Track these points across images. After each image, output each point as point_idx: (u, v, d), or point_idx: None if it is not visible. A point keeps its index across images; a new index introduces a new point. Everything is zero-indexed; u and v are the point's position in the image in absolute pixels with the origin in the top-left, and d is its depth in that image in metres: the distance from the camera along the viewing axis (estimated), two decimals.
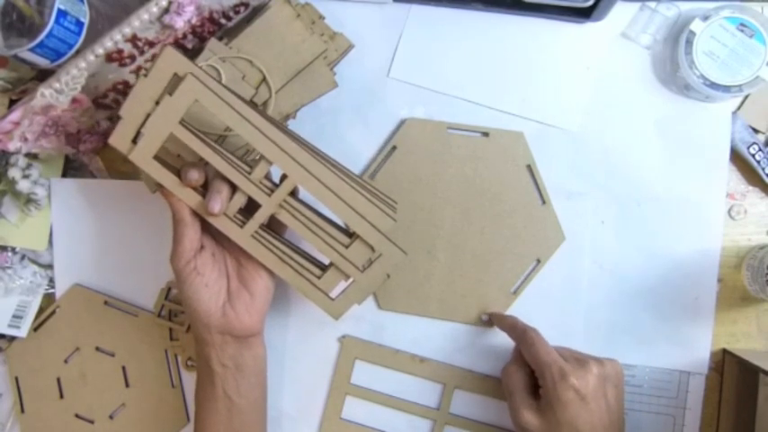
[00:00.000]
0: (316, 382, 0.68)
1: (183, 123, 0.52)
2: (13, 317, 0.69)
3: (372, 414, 0.68)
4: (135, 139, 0.52)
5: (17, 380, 0.70)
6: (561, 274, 0.66)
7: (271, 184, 0.55)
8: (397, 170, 0.67)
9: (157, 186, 0.54)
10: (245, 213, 0.55)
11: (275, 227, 0.59)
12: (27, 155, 0.67)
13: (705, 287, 0.65)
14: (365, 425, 0.68)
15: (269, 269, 0.57)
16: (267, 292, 0.59)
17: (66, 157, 0.70)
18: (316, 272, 0.57)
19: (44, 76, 0.62)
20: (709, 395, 0.65)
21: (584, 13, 0.64)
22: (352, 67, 0.67)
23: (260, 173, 0.53)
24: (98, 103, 0.64)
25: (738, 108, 0.65)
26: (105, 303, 0.70)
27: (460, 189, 0.67)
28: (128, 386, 0.70)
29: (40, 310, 0.71)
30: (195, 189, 0.54)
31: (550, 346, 0.58)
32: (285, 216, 0.55)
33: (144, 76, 0.50)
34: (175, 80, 0.50)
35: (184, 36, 0.63)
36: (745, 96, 0.64)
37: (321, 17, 0.65)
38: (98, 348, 0.70)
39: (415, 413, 0.67)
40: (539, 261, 0.66)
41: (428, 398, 0.67)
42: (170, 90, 0.50)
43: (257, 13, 0.64)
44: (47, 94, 0.57)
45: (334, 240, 0.56)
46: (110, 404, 0.70)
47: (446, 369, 0.67)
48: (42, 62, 0.59)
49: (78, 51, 0.60)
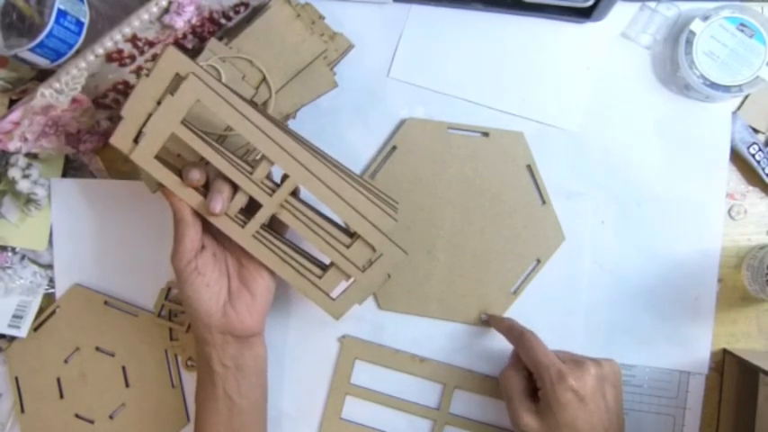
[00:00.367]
0: (316, 382, 0.68)
1: (185, 123, 0.52)
2: (13, 317, 0.69)
3: (372, 414, 0.68)
4: (136, 139, 0.52)
5: (17, 380, 0.70)
6: (561, 274, 0.66)
7: (272, 183, 0.55)
8: (397, 170, 0.67)
9: (158, 186, 0.54)
10: (246, 213, 0.55)
11: (276, 227, 0.59)
12: (27, 155, 0.67)
13: (705, 287, 0.65)
14: (365, 425, 0.68)
15: (270, 269, 0.57)
16: (268, 292, 0.59)
17: (67, 157, 0.70)
18: (316, 272, 0.57)
19: (44, 76, 0.62)
20: (709, 395, 0.65)
21: (584, 13, 0.64)
22: (352, 67, 0.67)
23: (261, 173, 0.53)
24: (98, 103, 0.64)
25: (738, 108, 0.65)
26: (105, 303, 0.70)
27: (460, 189, 0.67)
28: (128, 386, 0.70)
29: (40, 310, 0.71)
30: (196, 189, 0.54)
31: (548, 349, 0.58)
32: (286, 216, 0.55)
33: (145, 75, 0.50)
34: (177, 80, 0.50)
35: (184, 36, 0.63)
36: (745, 96, 0.64)
37: (321, 17, 0.65)
38: (98, 348, 0.70)
39: (415, 413, 0.67)
40: (539, 261, 0.66)
41: (428, 398, 0.67)
42: (172, 90, 0.50)
43: (257, 13, 0.64)
44: (47, 94, 0.57)
45: (335, 240, 0.56)
46: (110, 404, 0.70)
47: (446, 369, 0.67)
48: (42, 62, 0.59)
49: (78, 51, 0.60)
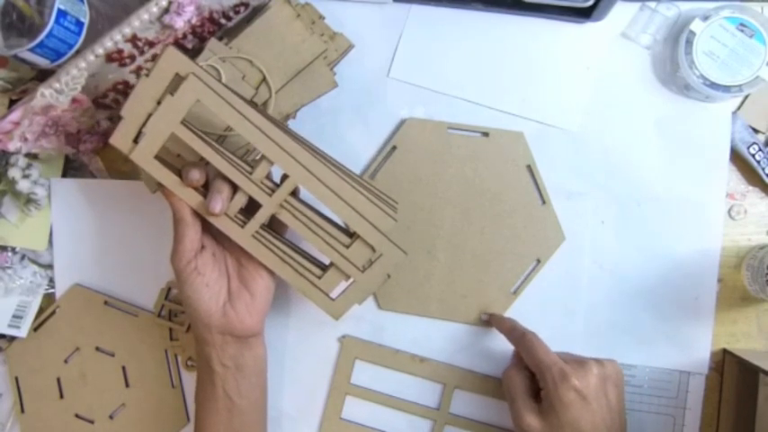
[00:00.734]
0: (316, 382, 0.68)
1: (185, 123, 0.52)
2: (13, 317, 0.69)
3: (372, 414, 0.68)
4: (136, 139, 0.52)
5: (17, 380, 0.70)
6: (561, 274, 0.66)
7: (272, 184, 0.55)
8: (397, 170, 0.67)
9: (158, 186, 0.54)
10: (245, 213, 0.55)
11: (276, 227, 0.59)
12: (27, 155, 0.67)
13: (705, 287, 0.65)
14: (365, 425, 0.68)
15: (269, 269, 0.57)
16: (268, 293, 0.59)
17: (67, 157, 0.70)
18: (316, 272, 0.57)
19: (44, 76, 0.62)
20: (709, 395, 0.65)
21: (584, 13, 0.64)
22: (352, 67, 0.67)
23: (261, 173, 0.53)
24: (98, 103, 0.64)
25: (738, 108, 0.65)
26: (105, 303, 0.70)
27: (460, 189, 0.67)
28: (128, 386, 0.70)
29: (40, 310, 0.71)
30: (196, 189, 0.54)
31: (549, 349, 0.58)
32: (286, 216, 0.55)
33: (145, 75, 0.50)
34: (177, 80, 0.50)
35: (184, 36, 0.63)
36: (745, 96, 0.64)
37: (321, 17, 0.65)
38: (98, 348, 0.70)
39: (415, 413, 0.67)
40: (539, 261, 0.66)
41: (428, 398, 0.67)
42: (172, 90, 0.50)
43: (257, 13, 0.64)
44: (47, 94, 0.57)
45: (335, 240, 0.56)
46: (110, 404, 0.70)
47: (446, 369, 0.67)
48: (42, 62, 0.59)
49: (78, 51, 0.60)
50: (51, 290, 0.71)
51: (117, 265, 0.70)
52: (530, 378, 0.59)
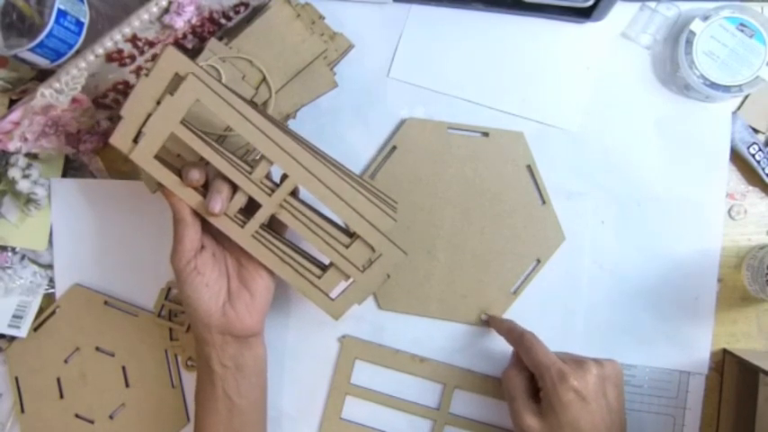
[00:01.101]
0: (316, 382, 0.68)
1: (185, 123, 0.52)
2: (13, 317, 0.69)
3: (372, 414, 0.68)
4: (136, 139, 0.52)
5: (17, 380, 0.70)
6: (561, 274, 0.66)
7: (271, 183, 0.55)
8: (397, 170, 0.67)
9: (158, 186, 0.54)
10: (245, 213, 0.55)
11: (276, 227, 0.59)
12: (27, 155, 0.67)
13: (705, 287, 0.65)
14: (365, 425, 0.68)
15: (269, 269, 0.57)
16: (267, 292, 0.58)
17: (67, 157, 0.70)
18: (316, 272, 0.57)
19: (44, 76, 0.62)
20: (709, 395, 0.65)
21: (584, 13, 0.64)
22: (352, 67, 0.67)
23: (261, 173, 0.53)
24: (98, 103, 0.64)
25: (738, 108, 0.65)
26: (105, 303, 0.70)
27: (460, 189, 0.67)
28: (128, 386, 0.70)
29: (40, 310, 0.71)
30: (196, 189, 0.54)
31: (548, 349, 0.58)
32: (285, 216, 0.55)
33: (145, 75, 0.50)
34: (177, 80, 0.50)
35: (184, 36, 0.63)
36: (745, 96, 0.64)
37: (321, 17, 0.65)
38: (98, 348, 0.70)
39: (415, 413, 0.67)
40: (539, 261, 0.66)
41: (428, 398, 0.67)
42: (171, 90, 0.50)
43: (257, 13, 0.64)
44: (47, 94, 0.57)
45: (335, 240, 0.56)
46: (110, 404, 0.70)
47: (446, 369, 0.67)
48: (42, 62, 0.59)
49: (78, 51, 0.60)
50: (51, 290, 0.71)
51: (117, 265, 0.70)
52: (529, 378, 0.59)
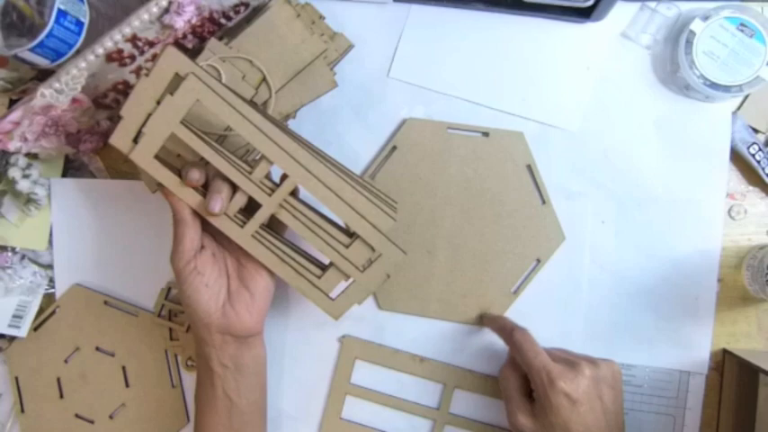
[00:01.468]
0: (315, 382, 0.68)
1: (184, 123, 0.52)
2: (13, 317, 0.69)
3: (372, 414, 0.68)
4: (136, 139, 0.52)
5: (17, 380, 0.70)
6: (561, 274, 0.66)
7: (271, 183, 0.55)
8: (397, 170, 0.67)
9: (158, 186, 0.54)
10: (245, 213, 0.55)
11: (275, 227, 0.59)
12: (27, 155, 0.67)
13: (705, 287, 0.65)
14: (365, 425, 0.68)
15: (269, 269, 0.57)
16: (267, 292, 0.58)
17: (66, 157, 0.70)
18: (316, 272, 0.57)
19: (44, 76, 0.62)
20: (709, 395, 0.65)
21: (584, 13, 0.64)
22: (352, 67, 0.67)
23: (260, 172, 0.53)
24: (98, 103, 0.64)
25: (738, 108, 0.65)
26: (105, 303, 0.70)
27: (460, 189, 0.67)
28: (128, 386, 0.70)
29: (40, 310, 0.71)
30: (196, 189, 0.54)
31: (539, 348, 0.57)
32: (285, 216, 0.55)
33: (145, 75, 0.50)
34: (177, 80, 0.50)
35: (184, 36, 0.63)
36: (745, 96, 0.64)
37: (321, 17, 0.65)
38: (98, 348, 0.70)
39: (415, 413, 0.67)
40: (539, 261, 0.66)
41: (428, 398, 0.67)
42: (171, 90, 0.50)
43: (257, 13, 0.64)
44: (47, 94, 0.57)
45: (335, 240, 0.56)
46: (110, 404, 0.70)
47: (446, 369, 0.67)
48: (42, 62, 0.59)
49: (78, 51, 0.60)
50: (51, 290, 0.71)
51: (117, 264, 0.70)
52: (524, 377, 0.59)
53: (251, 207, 0.55)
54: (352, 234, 0.55)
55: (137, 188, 0.69)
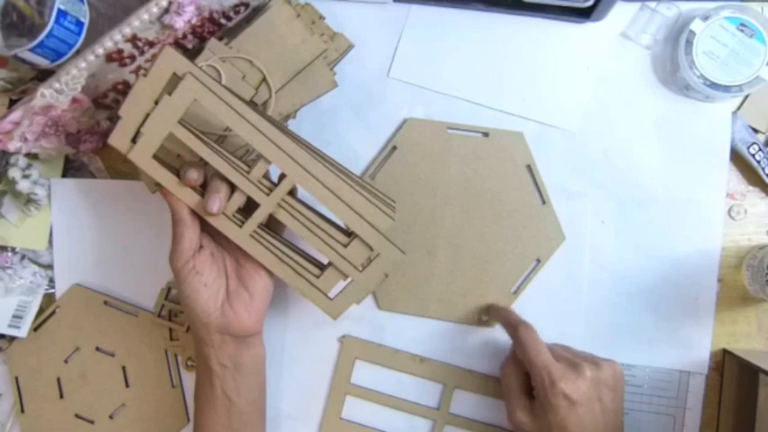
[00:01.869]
0: (316, 382, 0.68)
1: (183, 123, 0.52)
2: (13, 317, 0.69)
3: (372, 414, 0.68)
4: (134, 139, 0.52)
5: (17, 380, 0.70)
6: (561, 274, 0.66)
7: (269, 183, 0.55)
8: (397, 170, 0.67)
9: (157, 186, 0.54)
10: (243, 213, 0.55)
11: (274, 226, 0.59)
12: (27, 155, 0.67)
13: (705, 287, 0.65)
14: (365, 425, 0.68)
15: (268, 269, 0.57)
16: (266, 292, 0.58)
17: (66, 157, 0.70)
18: (314, 271, 0.57)
19: (44, 76, 0.62)
20: (709, 395, 0.65)
21: (584, 13, 0.64)
22: (352, 67, 0.67)
23: (258, 172, 0.53)
24: (98, 103, 0.64)
25: (738, 108, 0.65)
26: (105, 303, 0.70)
27: (460, 189, 0.67)
28: (128, 386, 0.70)
29: (40, 310, 0.71)
30: (194, 189, 0.54)
31: (543, 346, 0.57)
32: (284, 215, 0.55)
33: (143, 75, 0.50)
34: (175, 80, 0.50)
35: (184, 36, 0.63)
36: (745, 96, 0.64)
37: (321, 17, 0.65)
38: (98, 348, 0.70)
39: (415, 413, 0.67)
40: (539, 261, 0.66)
41: (428, 398, 0.67)
42: (169, 90, 0.50)
43: (257, 13, 0.64)
44: (47, 94, 0.58)
45: (333, 240, 0.56)
46: (110, 404, 0.70)
47: (446, 369, 0.67)
48: (42, 62, 0.60)
49: (78, 51, 0.60)
50: (51, 290, 0.71)
51: (117, 264, 0.71)
52: (525, 374, 0.59)
53: (249, 207, 0.55)
54: (350, 234, 0.55)
55: (137, 188, 0.69)
